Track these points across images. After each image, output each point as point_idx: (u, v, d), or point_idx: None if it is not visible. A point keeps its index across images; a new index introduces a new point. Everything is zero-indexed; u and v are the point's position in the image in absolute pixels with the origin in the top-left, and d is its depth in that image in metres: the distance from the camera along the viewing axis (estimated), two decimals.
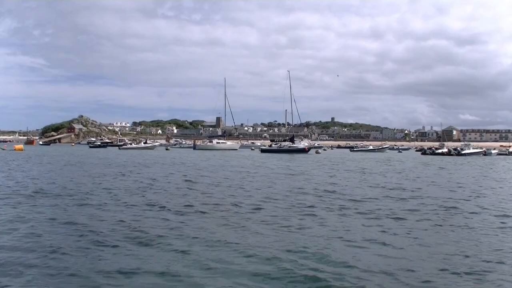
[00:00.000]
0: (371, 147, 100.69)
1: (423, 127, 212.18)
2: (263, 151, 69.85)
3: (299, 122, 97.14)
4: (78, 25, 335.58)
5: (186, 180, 21.79)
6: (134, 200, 14.56)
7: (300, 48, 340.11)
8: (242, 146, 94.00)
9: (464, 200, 15.91)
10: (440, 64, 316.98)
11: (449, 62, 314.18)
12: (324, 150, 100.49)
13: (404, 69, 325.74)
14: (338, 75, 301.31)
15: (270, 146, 72.93)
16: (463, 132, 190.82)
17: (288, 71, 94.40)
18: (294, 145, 70.56)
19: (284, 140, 76.46)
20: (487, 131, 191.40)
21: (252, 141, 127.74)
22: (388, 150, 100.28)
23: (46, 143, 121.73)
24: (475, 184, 22.68)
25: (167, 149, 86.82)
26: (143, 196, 15.67)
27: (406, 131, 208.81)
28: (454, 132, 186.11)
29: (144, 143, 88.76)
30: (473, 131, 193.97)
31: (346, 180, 23.60)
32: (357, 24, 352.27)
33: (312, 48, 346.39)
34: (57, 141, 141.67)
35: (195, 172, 27.94)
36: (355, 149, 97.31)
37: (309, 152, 67.69)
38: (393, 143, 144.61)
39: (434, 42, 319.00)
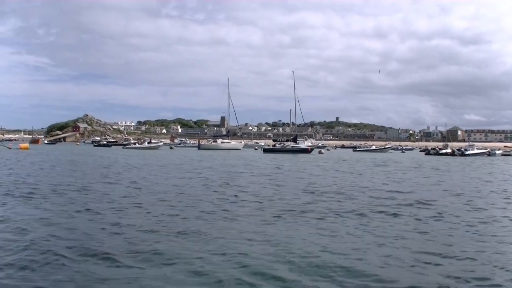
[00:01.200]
0: (373, 147, 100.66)
1: (428, 127, 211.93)
2: (265, 151, 70.07)
3: (302, 122, 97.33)
4: (82, 24, 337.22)
5: (132, 182, 20.70)
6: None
7: (303, 48, 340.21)
8: (246, 146, 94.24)
9: (410, 205, 14.70)
10: (444, 64, 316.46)
11: (453, 62, 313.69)
12: (328, 150, 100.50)
13: (408, 69, 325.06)
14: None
15: (274, 146, 73.10)
16: (468, 133, 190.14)
17: (293, 72, 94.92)
18: (297, 145, 70.72)
19: (287, 140, 76.67)
20: (492, 132, 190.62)
21: (256, 140, 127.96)
22: (392, 150, 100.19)
23: (52, 142, 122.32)
24: (450, 187, 21.18)
25: (171, 148, 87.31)
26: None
27: (410, 131, 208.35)
28: (459, 133, 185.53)
29: (148, 142, 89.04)
30: (478, 131, 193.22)
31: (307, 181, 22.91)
32: (360, 24, 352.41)
33: (316, 48, 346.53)
34: (62, 140, 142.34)
35: (161, 173, 26.42)
36: (357, 149, 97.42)
37: (312, 152, 67.87)
38: (397, 143, 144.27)
39: (438, 41, 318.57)
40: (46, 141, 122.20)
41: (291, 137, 78.12)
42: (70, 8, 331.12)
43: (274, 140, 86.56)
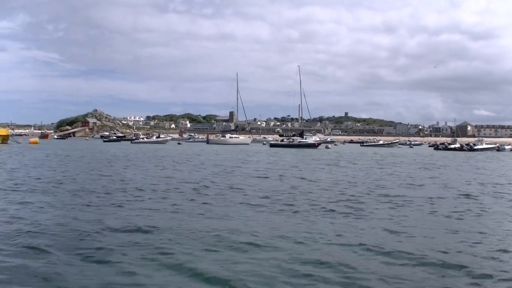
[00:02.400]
0: (381, 142, 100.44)
1: (437, 123, 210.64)
2: (272, 145, 70.32)
3: (309, 117, 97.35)
4: (91, 19, 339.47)
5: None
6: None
7: (312, 43, 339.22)
8: (254, 141, 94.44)
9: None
10: (453, 59, 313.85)
11: (463, 57, 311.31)
12: (335, 145, 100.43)
13: (417, 64, 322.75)
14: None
15: (282, 141, 73.21)
16: (478, 128, 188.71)
17: (299, 66, 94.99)
18: (304, 140, 70.85)
19: (294, 135, 76.83)
20: (503, 127, 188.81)
21: (264, 135, 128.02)
22: (400, 145, 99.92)
23: (61, 137, 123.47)
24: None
25: (179, 143, 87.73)
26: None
27: (420, 127, 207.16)
28: (469, 128, 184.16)
29: (156, 137, 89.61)
30: (488, 126, 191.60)
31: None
32: (369, 19, 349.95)
33: (324, 43, 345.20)
34: (72, 135, 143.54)
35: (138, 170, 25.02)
36: (365, 144, 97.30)
37: (318, 147, 67.94)
38: (406, 138, 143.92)
39: (447, 36, 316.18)
40: (55, 136, 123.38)
41: (298, 133, 78.17)
42: (79, 3, 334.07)
43: (280, 135, 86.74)
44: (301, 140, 70.66)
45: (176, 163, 30.17)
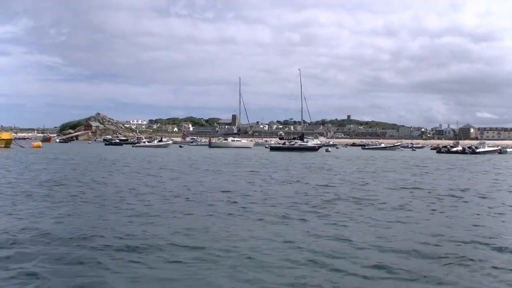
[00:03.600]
0: (383, 145, 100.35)
1: (440, 125, 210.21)
2: (272, 149, 70.33)
3: (309, 120, 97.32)
4: (93, 24, 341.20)
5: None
6: None
7: (313, 46, 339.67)
8: (256, 144, 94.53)
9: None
10: (455, 61, 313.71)
11: (465, 59, 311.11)
12: (337, 148, 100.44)
13: (419, 67, 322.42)
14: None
15: (284, 144, 73.14)
16: (481, 130, 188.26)
17: (299, 69, 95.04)
18: (304, 143, 70.86)
19: (294, 138, 76.89)
20: (505, 129, 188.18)
21: (266, 139, 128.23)
22: (402, 148, 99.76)
23: (64, 141, 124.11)
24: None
25: (180, 147, 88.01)
26: None
27: (422, 129, 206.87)
28: (472, 130, 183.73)
29: (159, 141, 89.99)
30: (491, 129, 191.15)
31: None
32: (370, 22, 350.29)
33: (326, 46, 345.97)
34: (74, 138, 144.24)
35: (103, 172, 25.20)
36: (366, 147, 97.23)
37: (319, 150, 67.92)
38: (409, 141, 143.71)
39: (449, 39, 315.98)
40: (58, 140, 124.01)
41: (298, 136, 78.19)
42: (81, 8, 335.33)
43: (280, 139, 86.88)
44: (302, 144, 70.66)
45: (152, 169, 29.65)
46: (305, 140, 74.59)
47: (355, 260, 7.35)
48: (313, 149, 68.12)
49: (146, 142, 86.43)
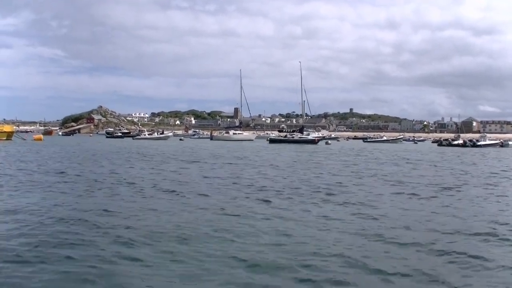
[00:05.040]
0: (384, 138, 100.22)
1: (442, 119, 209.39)
2: (272, 141, 70.44)
3: (310, 114, 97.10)
4: (94, 16, 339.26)
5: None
6: None
7: (315, 39, 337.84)
8: (258, 137, 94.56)
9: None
10: (457, 54, 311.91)
11: (467, 52, 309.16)
12: (338, 141, 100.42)
13: (421, 60, 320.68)
14: None
15: (285, 137, 73.18)
16: (483, 124, 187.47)
17: (300, 62, 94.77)
18: (304, 136, 70.95)
19: (293, 131, 76.93)
20: (508, 123, 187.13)
21: (268, 132, 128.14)
22: (404, 141, 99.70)
23: (67, 134, 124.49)
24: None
25: (181, 139, 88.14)
26: None
27: (425, 123, 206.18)
28: (474, 124, 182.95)
29: (160, 133, 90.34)
30: (493, 122, 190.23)
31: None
32: (372, 15, 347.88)
33: (328, 39, 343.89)
34: (77, 131, 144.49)
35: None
36: (368, 140, 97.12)
37: (318, 143, 67.98)
38: (411, 134, 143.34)
39: (451, 32, 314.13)
40: (60, 133, 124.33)
41: (297, 129, 78.26)
42: (82, 0, 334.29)
43: (279, 131, 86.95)
44: (301, 136, 70.73)
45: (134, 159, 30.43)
46: (305, 133, 74.62)
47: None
48: (313, 142, 68.17)
49: (146, 135, 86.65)
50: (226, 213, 10.49)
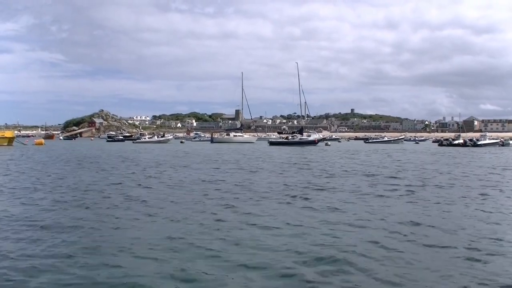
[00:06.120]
0: (386, 138, 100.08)
1: (444, 118, 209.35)
2: (271, 143, 70.40)
3: (308, 114, 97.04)
4: (94, 20, 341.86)
5: None
6: None
7: (314, 40, 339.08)
8: (259, 139, 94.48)
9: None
10: (457, 53, 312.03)
11: (467, 51, 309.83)
12: (339, 141, 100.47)
13: (421, 60, 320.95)
14: None
15: (287, 138, 73.11)
16: (485, 123, 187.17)
17: (297, 63, 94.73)
18: (304, 138, 70.98)
19: (293, 133, 76.88)
20: (510, 121, 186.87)
21: (269, 133, 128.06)
22: (405, 141, 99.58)
23: (68, 138, 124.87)
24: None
25: (181, 142, 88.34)
26: None
27: (426, 122, 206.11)
28: (476, 123, 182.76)
29: (161, 136, 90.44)
30: (494, 121, 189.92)
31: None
32: (371, 15, 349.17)
33: (327, 40, 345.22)
34: (78, 135, 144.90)
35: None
36: (369, 141, 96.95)
37: (318, 144, 68.02)
38: (413, 134, 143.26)
39: (450, 31, 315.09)
40: (61, 137, 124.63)
41: (297, 130, 78.22)
42: (81, 4, 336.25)
43: (279, 133, 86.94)
44: (301, 138, 70.75)
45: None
46: (306, 134, 74.69)
47: None
48: (313, 143, 68.25)
49: (146, 138, 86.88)
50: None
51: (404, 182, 18.42)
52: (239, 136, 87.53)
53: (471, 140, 75.84)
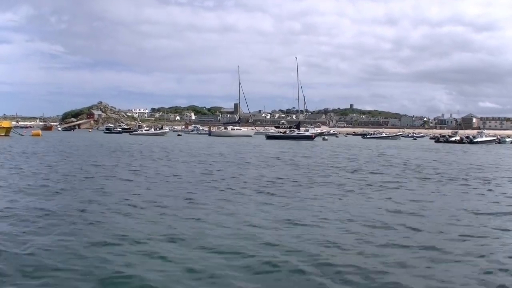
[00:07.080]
0: (384, 134, 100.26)
1: (443, 115, 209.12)
2: (269, 137, 70.57)
3: (306, 109, 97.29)
4: (93, 11, 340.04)
5: None
6: None
7: (314, 35, 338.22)
8: (257, 133, 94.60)
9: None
10: (457, 51, 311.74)
11: (466, 48, 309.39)
12: (337, 137, 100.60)
13: (421, 56, 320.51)
14: None
15: (285, 133, 73.27)
16: (483, 120, 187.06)
17: (296, 58, 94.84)
18: (301, 132, 71.27)
19: (290, 127, 77.07)
20: (508, 119, 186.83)
21: (267, 127, 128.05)
22: (403, 137, 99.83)
23: (67, 129, 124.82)
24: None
25: (179, 135, 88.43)
26: None
27: (425, 119, 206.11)
28: (474, 120, 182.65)
29: (159, 129, 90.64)
30: (493, 119, 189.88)
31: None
32: (371, 10, 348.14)
33: (327, 35, 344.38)
34: (77, 127, 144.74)
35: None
36: (367, 136, 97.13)
37: (315, 139, 68.27)
38: (411, 130, 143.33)
39: (450, 28, 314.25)
40: (60, 128, 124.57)
41: (295, 125, 78.47)
42: None
43: (276, 127, 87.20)
44: (299, 132, 70.99)
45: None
46: (303, 129, 74.92)
47: None
48: (310, 137, 68.50)
49: (143, 131, 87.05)
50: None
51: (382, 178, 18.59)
52: (236, 129, 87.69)
53: (467, 137, 75.98)
